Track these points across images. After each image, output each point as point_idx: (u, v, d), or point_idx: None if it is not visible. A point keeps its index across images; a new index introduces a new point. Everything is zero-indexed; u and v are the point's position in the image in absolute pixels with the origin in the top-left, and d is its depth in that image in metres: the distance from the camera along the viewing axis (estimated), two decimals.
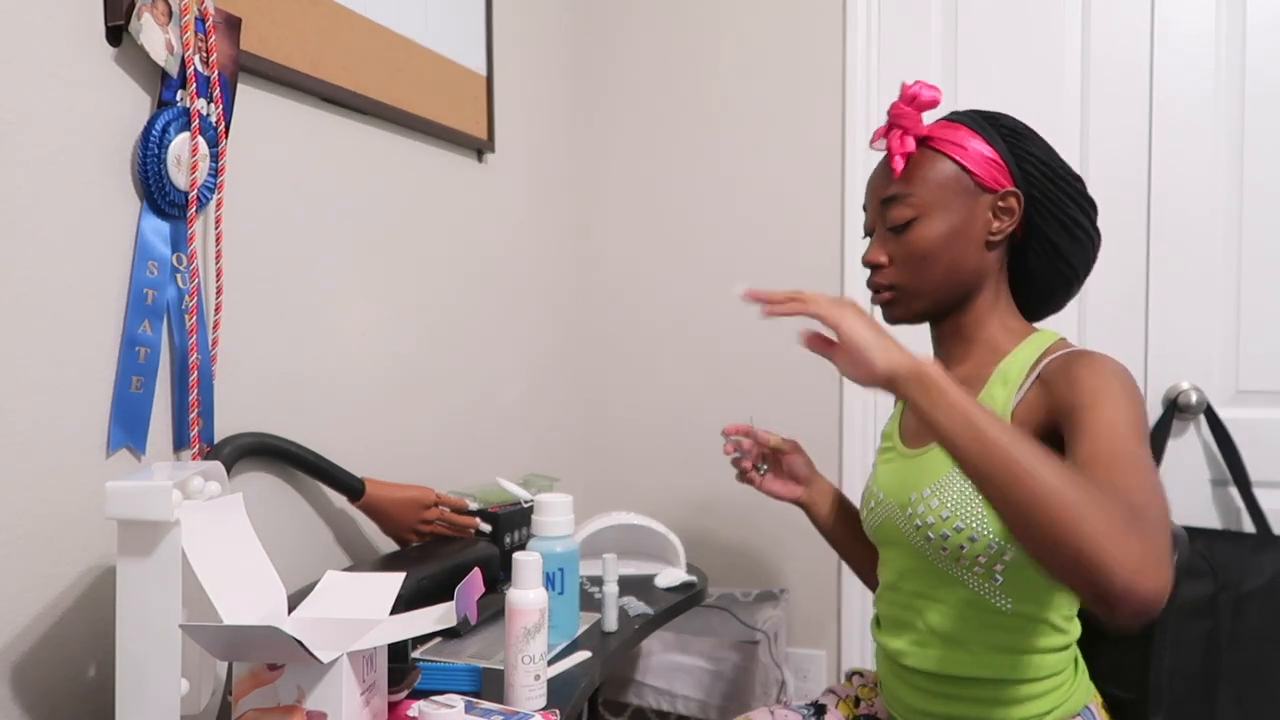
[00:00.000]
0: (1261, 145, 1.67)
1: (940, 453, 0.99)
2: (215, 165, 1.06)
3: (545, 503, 1.13)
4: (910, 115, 1.01)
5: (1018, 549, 0.92)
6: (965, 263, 1.01)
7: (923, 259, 1.01)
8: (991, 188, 1.00)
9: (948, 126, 1.02)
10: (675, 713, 1.73)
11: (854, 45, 1.88)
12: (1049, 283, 1.03)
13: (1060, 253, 1.01)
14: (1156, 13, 1.72)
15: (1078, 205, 1.01)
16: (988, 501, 0.77)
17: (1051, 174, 1.00)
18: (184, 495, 0.82)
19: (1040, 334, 1.02)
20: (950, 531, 0.95)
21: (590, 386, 2.13)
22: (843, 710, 1.17)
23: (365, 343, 1.39)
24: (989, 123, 1.02)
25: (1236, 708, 1.51)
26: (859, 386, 1.91)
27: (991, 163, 1.00)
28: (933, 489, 0.98)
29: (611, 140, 2.09)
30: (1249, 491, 1.64)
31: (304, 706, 0.77)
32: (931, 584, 1.00)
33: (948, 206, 1.00)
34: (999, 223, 1.00)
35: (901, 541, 1.03)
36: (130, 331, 0.99)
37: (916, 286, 1.03)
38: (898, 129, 1.02)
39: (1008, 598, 0.95)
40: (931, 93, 1.00)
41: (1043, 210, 1.00)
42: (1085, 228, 1.01)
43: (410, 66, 1.46)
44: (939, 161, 1.01)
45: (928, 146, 1.02)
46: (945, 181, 1.00)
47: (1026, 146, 1.01)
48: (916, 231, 1.01)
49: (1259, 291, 1.68)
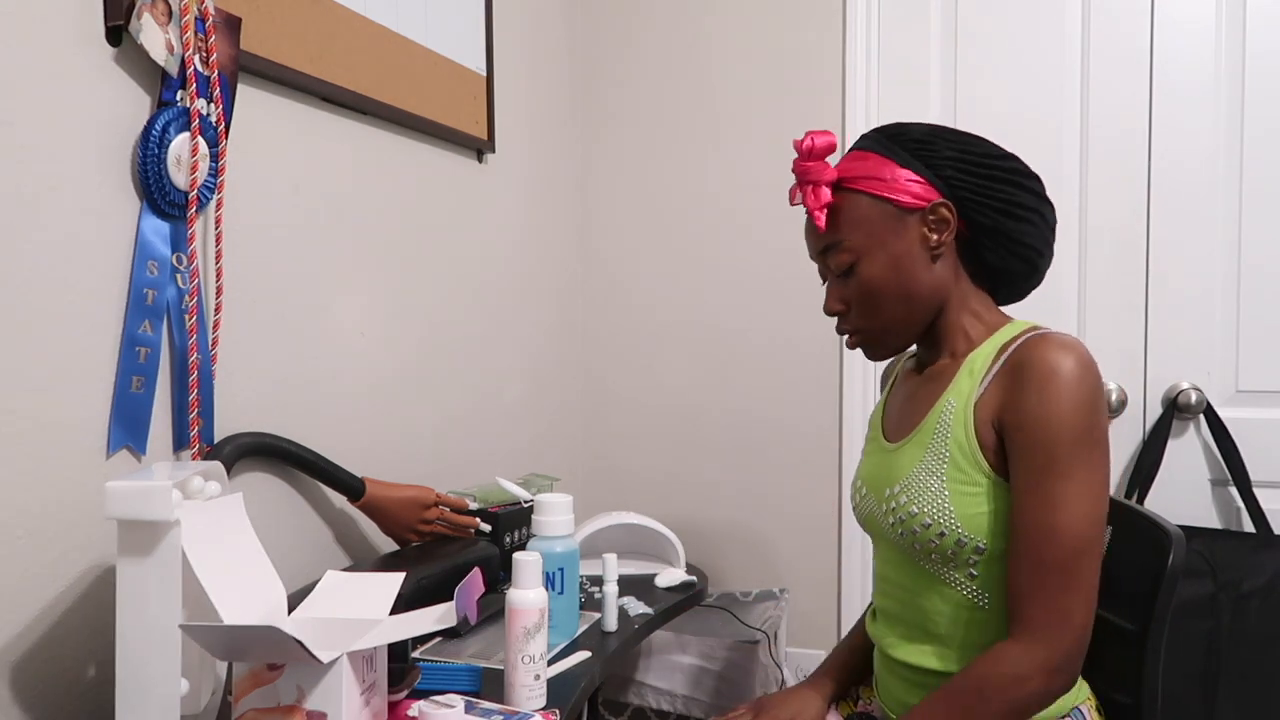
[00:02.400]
0: (1262, 145, 1.67)
1: (911, 448, 1.00)
2: (215, 165, 1.06)
3: (545, 503, 1.13)
4: (813, 168, 1.01)
5: (992, 544, 0.93)
6: (919, 285, 1.00)
7: (875, 297, 1.01)
8: (916, 206, 0.98)
9: (857, 159, 1.01)
10: (675, 713, 1.73)
11: (854, 45, 1.88)
12: (1011, 268, 1.02)
13: (1011, 238, 0.99)
14: (1157, 5, 1.72)
15: (1012, 185, 0.98)
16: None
17: (972, 168, 0.98)
18: (184, 495, 0.82)
19: (1010, 325, 1.01)
20: (919, 527, 0.96)
21: (590, 386, 2.13)
22: (843, 710, 1.17)
23: (365, 343, 1.39)
24: (894, 141, 1.00)
25: (1236, 708, 1.51)
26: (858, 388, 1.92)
27: (909, 182, 0.98)
28: (903, 484, 0.98)
29: (611, 140, 2.09)
30: (1249, 491, 1.64)
31: (304, 706, 0.77)
32: (913, 576, 1.00)
33: (880, 240, 0.99)
34: (936, 235, 0.99)
35: (882, 534, 1.03)
36: (130, 331, 0.99)
37: (881, 325, 1.03)
38: (807, 185, 1.02)
39: (985, 593, 0.95)
40: (825, 138, 1.00)
41: (977, 205, 0.98)
42: (1026, 205, 0.98)
43: (410, 66, 1.46)
44: (857, 200, 1.00)
45: (843, 188, 1.01)
46: (870, 218, 0.99)
47: (938, 152, 0.98)
48: (860, 274, 1.00)
49: (1259, 291, 1.68)
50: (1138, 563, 1.01)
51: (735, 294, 1.99)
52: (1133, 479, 1.72)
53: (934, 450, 0.96)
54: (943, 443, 0.96)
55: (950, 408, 0.97)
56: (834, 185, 1.01)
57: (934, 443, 0.97)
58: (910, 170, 0.98)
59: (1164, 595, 0.97)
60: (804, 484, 1.95)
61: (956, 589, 0.96)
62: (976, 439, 0.94)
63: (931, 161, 0.98)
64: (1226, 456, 1.66)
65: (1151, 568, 0.98)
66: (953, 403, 0.97)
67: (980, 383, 0.96)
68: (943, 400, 0.98)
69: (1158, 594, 0.97)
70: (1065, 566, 0.87)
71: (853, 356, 1.90)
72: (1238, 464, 1.65)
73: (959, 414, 0.95)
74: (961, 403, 0.96)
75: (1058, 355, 0.89)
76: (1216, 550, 1.56)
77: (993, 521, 0.93)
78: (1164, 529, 0.99)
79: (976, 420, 0.94)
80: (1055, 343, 0.91)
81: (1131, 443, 1.75)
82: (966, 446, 0.94)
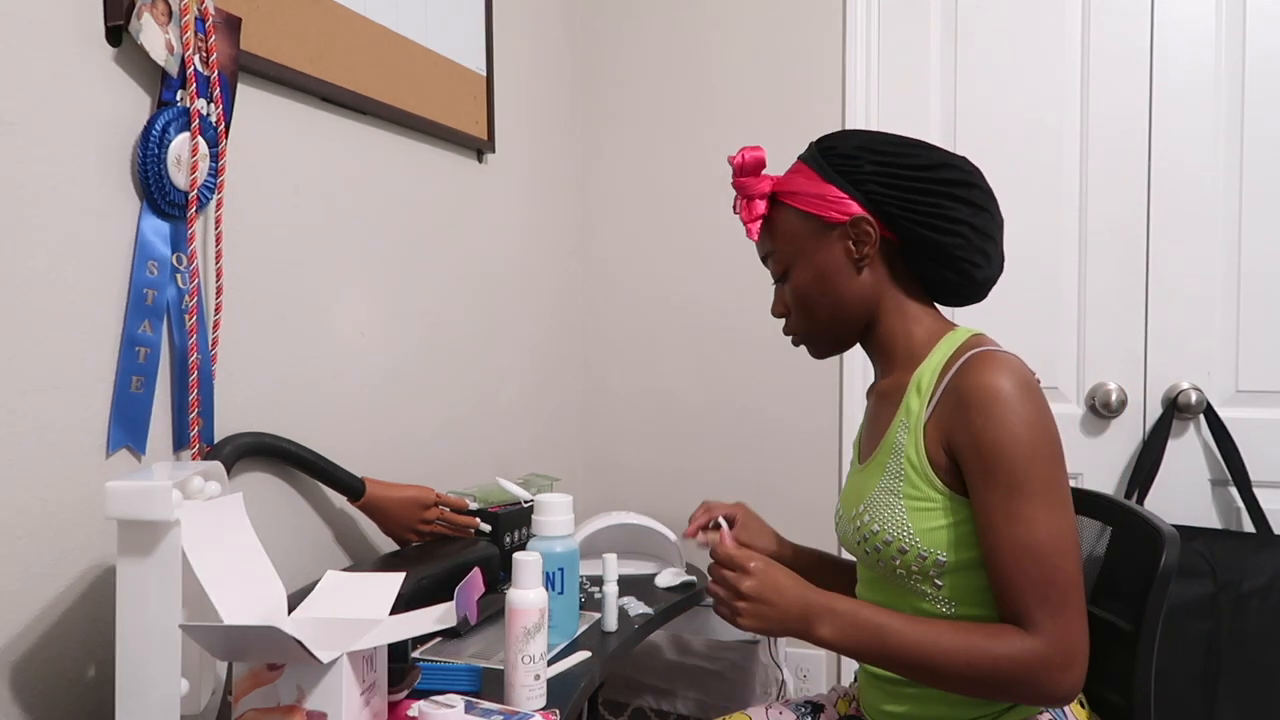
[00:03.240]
0: (1262, 145, 1.67)
1: (872, 468, 1.02)
2: (215, 165, 1.06)
3: (545, 503, 1.13)
4: (747, 183, 1.07)
5: (952, 556, 0.94)
6: (846, 294, 1.03)
7: (805, 303, 1.06)
8: (837, 221, 1.01)
9: (792, 174, 1.06)
10: (675, 713, 1.73)
11: (854, 45, 1.88)
12: (943, 277, 1.02)
13: (938, 251, 0.99)
14: (1157, 6, 1.72)
15: (938, 197, 0.98)
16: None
17: (895, 182, 0.98)
18: (184, 495, 0.82)
19: (952, 335, 1.01)
20: (881, 544, 0.97)
21: (590, 386, 2.13)
22: (841, 708, 1.17)
23: (365, 343, 1.39)
24: (823, 155, 1.03)
25: (1236, 708, 1.51)
26: (857, 391, 1.92)
27: (832, 198, 1.01)
28: (866, 504, 1.00)
29: (611, 140, 2.09)
30: (1249, 491, 1.64)
31: (304, 706, 0.77)
32: (885, 591, 1.02)
33: (805, 251, 1.04)
34: (860, 249, 1.01)
35: (854, 552, 1.05)
36: (130, 331, 0.99)
37: (812, 328, 1.08)
38: (743, 199, 1.07)
39: (952, 602, 0.96)
40: (755, 154, 1.06)
41: (901, 219, 0.99)
42: (954, 217, 0.98)
43: (410, 66, 1.46)
44: (786, 213, 1.05)
45: (777, 201, 1.06)
46: (794, 230, 1.04)
47: (859, 168, 1.00)
48: (792, 281, 1.06)
49: (1259, 291, 1.68)
50: (1133, 562, 1.01)
51: (735, 294, 1.99)
52: (1133, 479, 1.72)
53: (890, 470, 0.98)
54: (898, 462, 0.98)
55: (903, 427, 0.98)
56: (770, 198, 1.07)
57: (890, 462, 0.99)
58: (834, 186, 1.01)
59: (1157, 594, 0.97)
60: (804, 484, 1.95)
61: (926, 601, 0.98)
62: (928, 458, 0.95)
63: (854, 177, 1.00)
64: (1226, 456, 1.66)
65: (1146, 567, 0.98)
66: (905, 422, 0.98)
67: (927, 404, 0.97)
68: (896, 420, 1.00)
69: (1151, 593, 0.97)
70: (1055, 579, 0.88)
71: (853, 357, 1.90)
72: (1238, 464, 1.65)
73: (910, 434, 0.97)
74: (912, 422, 0.97)
75: (995, 379, 0.90)
76: (1216, 550, 1.56)
77: (951, 534, 0.94)
78: (1158, 528, 0.99)
79: (927, 441, 0.95)
80: (992, 365, 0.91)
81: (1131, 443, 1.75)
82: (919, 465, 0.96)
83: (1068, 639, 0.87)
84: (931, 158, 0.99)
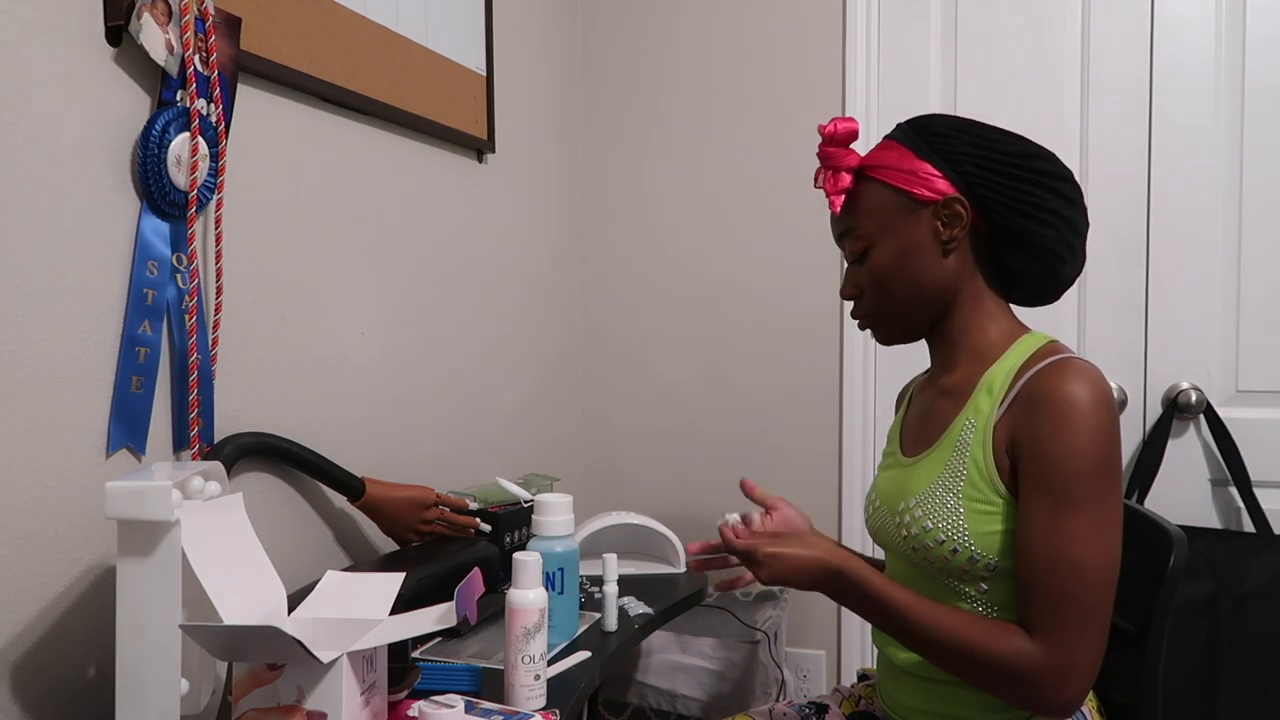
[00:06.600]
0: (1261, 145, 1.67)
1: (928, 463, 0.99)
2: (215, 165, 1.06)
3: (545, 503, 1.13)
4: (835, 153, 1.03)
5: (1002, 562, 0.93)
6: (926, 278, 1.00)
7: (883, 285, 1.02)
8: (930, 200, 0.98)
9: (883, 149, 1.03)
10: (675, 713, 1.73)
11: (854, 45, 1.88)
12: (1027, 270, 1.00)
13: (1028, 240, 0.98)
14: (1157, 11, 1.72)
15: (1034, 186, 0.97)
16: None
17: (992, 166, 0.97)
18: (184, 495, 0.82)
19: (1028, 338, 1.00)
20: (933, 543, 0.95)
21: (590, 387, 2.13)
22: (845, 709, 1.17)
23: (365, 343, 1.39)
24: (917, 133, 1.01)
25: (1236, 708, 1.51)
26: (857, 392, 1.92)
27: (924, 174, 0.98)
28: (918, 499, 0.98)
29: (611, 140, 2.09)
30: (1249, 491, 1.64)
31: (304, 706, 0.77)
32: (923, 588, 1.00)
33: (891, 229, 1.00)
34: (949, 230, 0.98)
35: (894, 547, 1.03)
36: (130, 331, 0.99)
37: (886, 311, 1.04)
38: (828, 170, 1.04)
39: (994, 607, 0.95)
40: (847, 124, 1.02)
41: (995, 204, 0.97)
42: (1047, 207, 0.97)
43: (410, 66, 1.46)
44: (873, 188, 1.01)
45: (864, 176, 1.03)
46: (882, 207, 1.01)
47: (956, 148, 0.98)
48: (872, 260, 1.02)
49: (1259, 291, 1.68)
50: (1139, 563, 1.01)
51: (735, 294, 1.99)
52: (1133, 479, 1.72)
53: (952, 467, 0.96)
54: (961, 461, 0.95)
55: (970, 427, 0.96)
56: (856, 172, 1.03)
57: (953, 460, 0.96)
58: (929, 163, 0.99)
59: (1164, 596, 0.96)
60: (803, 485, 1.95)
61: (967, 602, 0.96)
62: (994, 461, 0.93)
63: (950, 156, 0.98)
64: (1226, 456, 1.66)
65: (1153, 568, 0.98)
66: (972, 422, 0.96)
67: (999, 405, 0.95)
68: (962, 418, 0.97)
69: (1158, 594, 0.97)
70: (1078, 596, 0.86)
71: (853, 358, 1.90)
72: (1238, 464, 1.65)
73: (979, 434, 0.95)
74: (981, 423, 0.95)
75: (1074, 386, 0.88)
76: (1216, 550, 1.56)
77: (1006, 540, 0.92)
78: (1165, 529, 0.98)
79: (994, 442, 0.93)
80: (1074, 373, 0.89)
81: (1131, 443, 1.75)
82: (984, 467, 0.93)
83: (1070, 656, 0.86)
84: (1028, 148, 0.98)
